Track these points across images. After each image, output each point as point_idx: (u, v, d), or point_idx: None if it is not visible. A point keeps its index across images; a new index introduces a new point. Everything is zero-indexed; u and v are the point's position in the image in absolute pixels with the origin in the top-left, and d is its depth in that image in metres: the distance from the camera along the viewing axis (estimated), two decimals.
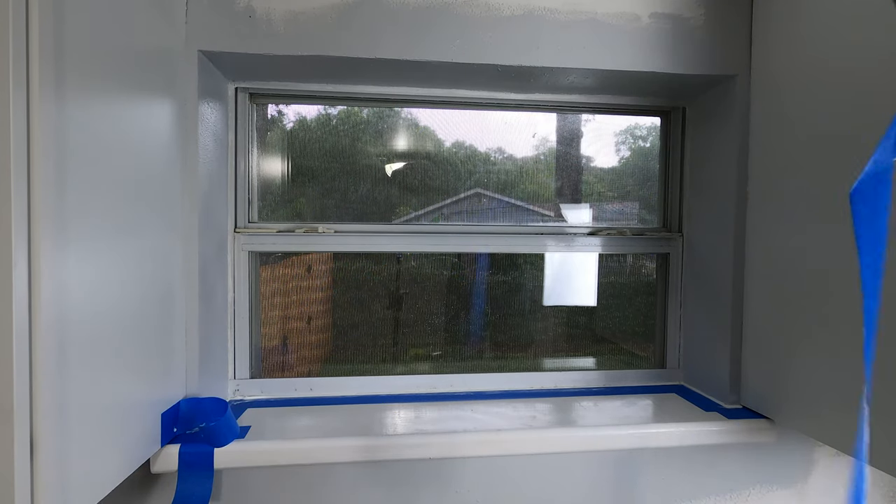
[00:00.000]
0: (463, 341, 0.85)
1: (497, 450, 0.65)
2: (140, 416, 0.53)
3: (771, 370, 0.66)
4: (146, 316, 0.54)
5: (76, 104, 0.41)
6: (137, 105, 0.51)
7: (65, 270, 0.40)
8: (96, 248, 0.45)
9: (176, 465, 0.59)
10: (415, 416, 0.71)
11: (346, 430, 0.65)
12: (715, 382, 0.76)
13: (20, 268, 0.36)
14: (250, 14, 0.63)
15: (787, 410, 0.63)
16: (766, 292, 0.66)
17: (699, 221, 0.81)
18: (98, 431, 0.46)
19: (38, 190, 0.37)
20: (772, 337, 0.65)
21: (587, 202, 0.88)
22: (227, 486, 0.65)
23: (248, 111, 0.77)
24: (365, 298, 0.83)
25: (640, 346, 0.89)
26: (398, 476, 0.67)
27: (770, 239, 0.65)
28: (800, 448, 0.73)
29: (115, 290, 0.48)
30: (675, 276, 0.85)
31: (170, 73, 0.58)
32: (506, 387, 0.82)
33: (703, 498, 0.72)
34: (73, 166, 0.41)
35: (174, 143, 0.59)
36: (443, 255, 0.84)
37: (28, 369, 0.37)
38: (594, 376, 0.84)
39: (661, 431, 0.67)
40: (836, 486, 0.74)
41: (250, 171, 0.78)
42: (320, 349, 0.83)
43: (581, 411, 0.73)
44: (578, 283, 0.88)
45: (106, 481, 0.47)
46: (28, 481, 0.37)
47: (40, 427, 0.37)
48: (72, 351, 0.41)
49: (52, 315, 0.39)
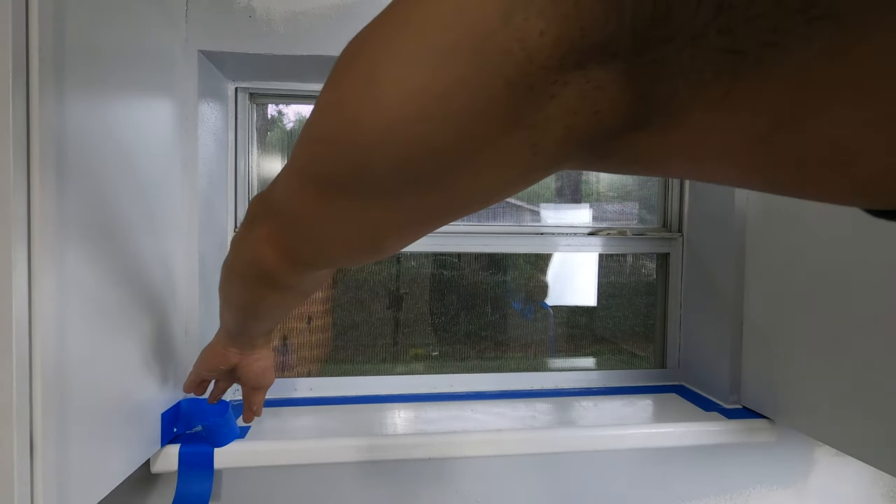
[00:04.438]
0: (463, 341, 0.85)
1: (497, 450, 0.64)
2: (140, 416, 0.53)
3: (771, 370, 0.66)
4: (146, 316, 0.54)
5: (76, 104, 0.41)
6: (137, 105, 0.51)
7: (65, 270, 0.40)
8: (96, 248, 0.44)
9: (176, 465, 0.59)
10: (415, 416, 0.71)
11: (346, 430, 0.65)
12: (715, 382, 0.76)
13: (20, 268, 0.36)
14: (250, 14, 0.63)
15: (787, 410, 0.63)
16: (767, 292, 0.66)
17: (699, 221, 0.81)
18: (98, 431, 0.46)
19: (38, 190, 0.36)
20: (772, 337, 0.65)
21: (587, 202, 0.88)
22: (227, 486, 0.65)
23: (248, 111, 0.77)
24: (365, 298, 0.83)
25: (640, 346, 0.89)
26: (398, 476, 0.67)
27: (770, 238, 0.65)
28: (800, 448, 0.73)
29: (115, 289, 0.48)
30: (675, 276, 0.85)
31: (170, 73, 0.58)
32: (506, 387, 0.82)
33: (703, 498, 0.72)
34: (72, 166, 0.41)
35: (174, 143, 0.59)
36: (443, 255, 0.84)
37: (28, 369, 0.37)
38: (594, 376, 0.84)
39: (661, 431, 0.67)
40: (836, 486, 0.74)
41: (250, 171, 0.78)
42: (320, 349, 0.83)
43: (581, 411, 0.73)
44: (578, 283, 0.88)
45: (106, 481, 0.47)
46: (28, 481, 0.37)
47: (40, 427, 0.37)
48: (71, 351, 0.41)
49: (52, 315, 0.39)
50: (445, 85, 0.17)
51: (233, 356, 0.49)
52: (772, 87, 0.15)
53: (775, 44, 0.14)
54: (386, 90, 0.18)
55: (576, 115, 0.17)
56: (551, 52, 0.15)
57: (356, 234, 0.24)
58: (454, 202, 0.21)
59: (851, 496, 0.75)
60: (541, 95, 0.16)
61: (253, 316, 0.42)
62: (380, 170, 0.19)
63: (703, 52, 0.15)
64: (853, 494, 0.74)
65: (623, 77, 0.16)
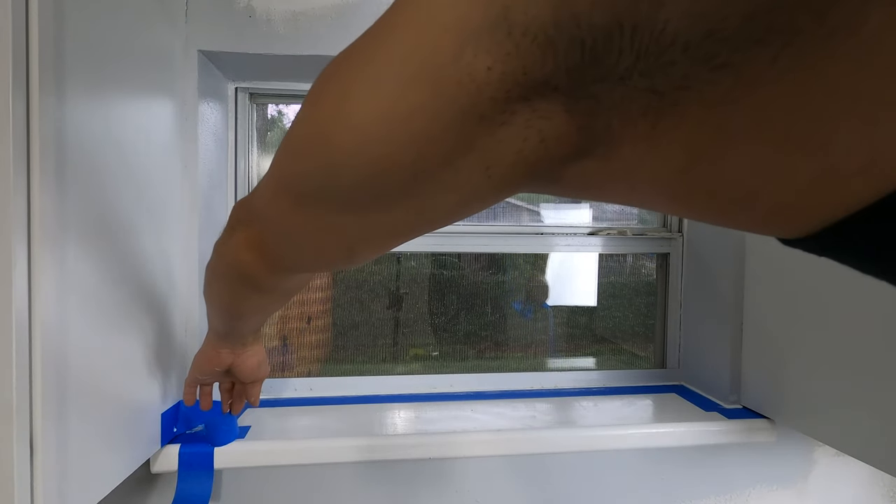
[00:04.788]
0: (463, 341, 0.85)
1: (497, 450, 0.64)
2: (140, 415, 0.53)
3: (771, 370, 0.66)
4: (146, 315, 0.54)
5: (76, 104, 0.41)
6: (137, 105, 0.51)
7: (65, 270, 0.40)
8: (96, 248, 0.44)
9: (176, 465, 0.59)
10: (415, 416, 0.71)
11: (346, 430, 0.65)
12: (715, 382, 0.76)
13: (20, 267, 0.36)
14: (250, 14, 0.63)
15: (786, 410, 0.63)
16: (767, 292, 0.66)
17: (699, 221, 0.81)
18: (98, 431, 0.46)
19: (37, 190, 0.37)
20: (772, 337, 0.65)
21: (587, 202, 0.88)
22: (227, 486, 0.65)
23: (248, 111, 0.77)
24: (365, 298, 0.83)
25: (640, 346, 0.89)
26: (398, 476, 0.67)
27: (770, 238, 0.65)
28: (800, 448, 0.73)
29: (115, 289, 0.48)
30: (675, 276, 0.85)
31: (170, 73, 0.58)
32: (506, 387, 0.82)
33: (703, 498, 0.72)
34: (72, 166, 0.41)
35: (174, 143, 0.59)
36: (443, 255, 0.84)
37: (28, 369, 0.37)
38: (594, 376, 0.84)
39: (661, 431, 0.67)
40: (836, 486, 0.74)
41: (250, 171, 0.78)
42: (320, 349, 0.83)
43: (581, 411, 0.73)
44: (578, 283, 0.88)
45: (106, 481, 0.47)
46: (28, 481, 0.37)
47: (40, 427, 0.37)
48: (71, 351, 0.41)
49: (52, 314, 0.39)
50: (407, 110, 0.18)
51: (226, 356, 0.50)
52: (688, 126, 0.17)
53: (688, 87, 0.16)
54: (355, 110, 0.19)
55: (525, 142, 0.19)
56: (498, 86, 0.17)
57: (330, 243, 0.26)
58: (418, 218, 0.23)
59: (851, 496, 0.75)
60: (491, 123, 0.18)
61: (238, 316, 0.43)
62: (346, 183, 0.21)
63: (631, 91, 0.17)
64: (853, 494, 0.74)
65: (564, 110, 0.18)
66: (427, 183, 0.20)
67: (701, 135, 0.17)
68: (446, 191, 0.21)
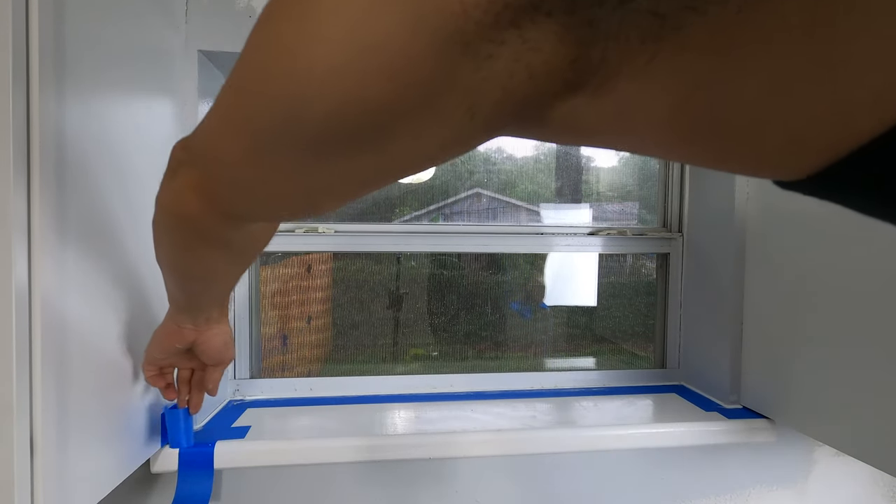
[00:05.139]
0: (463, 341, 0.85)
1: (497, 450, 0.64)
2: (140, 415, 0.53)
3: (771, 370, 0.66)
4: (146, 315, 0.54)
5: (76, 104, 0.41)
6: (137, 105, 0.51)
7: (65, 269, 0.40)
8: (96, 247, 0.44)
9: (176, 465, 0.59)
10: (415, 416, 0.71)
11: (346, 430, 0.65)
12: (715, 382, 0.76)
13: (20, 266, 0.36)
14: (250, 14, 0.63)
15: (786, 410, 0.63)
16: (767, 292, 0.66)
17: (699, 221, 0.81)
18: (98, 431, 0.46)
19: (37, 190, 0.37)
20: (772, 337, 0.65)
21: (587, 202, 0.88)
22: (226, 486, 0.65)
23: None
24: (365, 298, 0.83)
25: (640, 346, 0.89)
26: (398, 476, 0.67)
27: (770, 238, 0.65)
28: (800, 448, 0.73)
29: (114, 289, 0.48)
30: (675, 276, 0.85)
31: (170, 73, 0.58)
32: (505, 387, 0.82)
33: (703, 498, 0.72)
34: (72, 165, 0.41)
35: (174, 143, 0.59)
36: (443, 255, 0.84)
37: (28, 369, 0.37)
38: (594, 376, 0.84)
39: (661, 431, 0.67)
40: (836, 486, 0.74)
41: None
42: (320, 349, 0.83)
43: (581, 411, 0.73)
44: (578, 283, 0.88)
45: (106, 481, 0.47)
46: (28, 481, 0.37)
47: (40, 427, 0.37)
48: (71, 350, 0.41)
49: (52, 315, 0.39)
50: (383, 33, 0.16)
51: (189, 333, 0.45)
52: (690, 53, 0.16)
53: (694, 7, 0.15)
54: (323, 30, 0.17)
55: (512, 78, 0.17)
56: (487, 8, 0.15)
57: (287, 191, 0.23)
58: (390, 164, 0.21)
59: (851, 496, 0.75)
60: (476, 55, 0.16)
61: (191, 278, 0.38)
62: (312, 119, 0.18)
63: (631, 15, 0.15)
64: (853, 494, 0.74)
65: (557, 39, 0.16)
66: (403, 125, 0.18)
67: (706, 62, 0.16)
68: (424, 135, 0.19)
